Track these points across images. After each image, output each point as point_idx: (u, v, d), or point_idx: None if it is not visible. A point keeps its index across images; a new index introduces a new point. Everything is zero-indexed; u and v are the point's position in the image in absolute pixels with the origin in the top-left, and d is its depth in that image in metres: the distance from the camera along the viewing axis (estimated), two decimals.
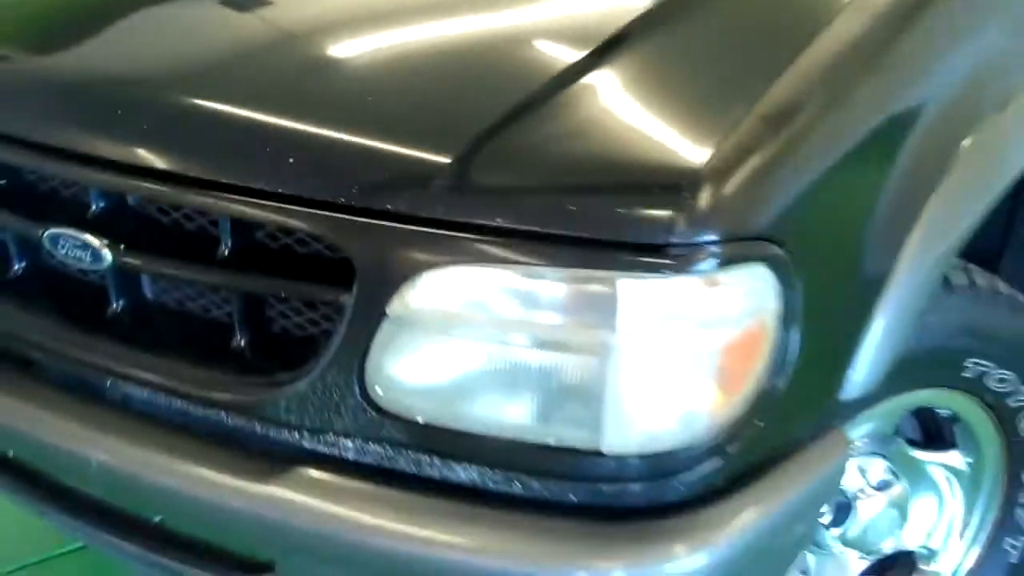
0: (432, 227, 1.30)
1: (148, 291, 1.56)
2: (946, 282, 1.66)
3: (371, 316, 1.34)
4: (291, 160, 1.38)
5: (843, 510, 1.84)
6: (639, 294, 1.26)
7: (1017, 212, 1.98)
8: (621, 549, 1.32)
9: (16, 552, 2.46)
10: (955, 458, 1.93)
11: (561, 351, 1.29)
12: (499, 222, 1.28)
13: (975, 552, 1.98)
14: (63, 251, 1.53)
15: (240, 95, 1.51)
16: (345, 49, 1.64)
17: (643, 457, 1.32)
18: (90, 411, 1.53)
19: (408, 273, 1.31)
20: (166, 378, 1.49)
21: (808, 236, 1.35)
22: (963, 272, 1.72)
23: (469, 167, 1.32)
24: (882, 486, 1.86)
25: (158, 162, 1.45)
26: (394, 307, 1.32)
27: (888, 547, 1.92)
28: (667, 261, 1.24)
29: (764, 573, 1.50)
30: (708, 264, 1.26)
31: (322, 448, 1.41)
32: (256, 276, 1.42)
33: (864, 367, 1.47)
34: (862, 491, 1.85)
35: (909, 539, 1.95)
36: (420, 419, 1.36)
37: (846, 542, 1.86)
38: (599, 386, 1.28)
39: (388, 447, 1.39)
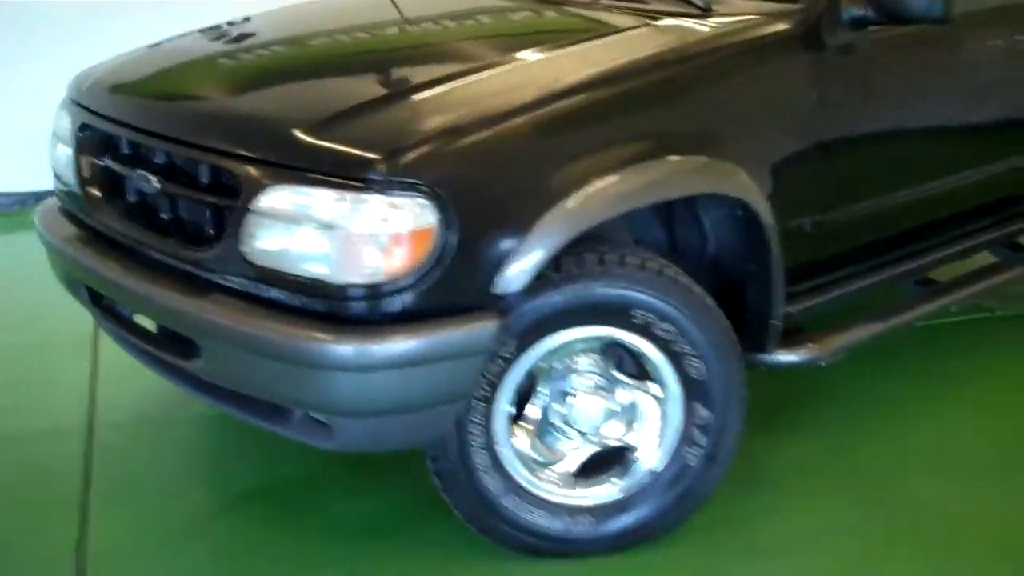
0: (272, 167, 2.65)
1: (164, 205, 2.97)
2: (601, 259, 2.81)
3: (245, 211, 2.68)
4: (223, 132, 2.78)
5: (565, 397, 2.95)
6: (359, 203, 2.54)
7: (674, 218, 3.11)
8: (349, 333, 2.56)
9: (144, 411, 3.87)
10: (653, 388, 3.01)
11: (324, 230, 2.58)
12: (303, 165, 2.61)
13: (667, 456, 3.03)
14: (137, 180, 2.97)
15: (206, 102, 2.95)
16: (262, 73, 3.09)
17: (359, 287, 2.56)
18: (121, 259, 2.96)
19: (259, 189, 2.65)
20: (157, 241, 2.90)
21: (463, 189, 2.58)
22: (618, 252, 2.85)
23: (292, 139, 2.67)
24: (597, 391, 2.97)
25: (172, 134, 2.89)
26: (254, 206, 2.67)
27: (607, 438, 3.01)
28: (373, 190, 2.53)
29: (430, 386, 2.64)
30: (392, 192, 2.53)
31: (221, 281, 2.75)
32: (195, 191, 2.81)
33: (510, 274, 2.65)
34: (583, 391, 2.96)
35: (624, 438, 3.03)
36: (263, 265, 2.68)
37: (566, 421, 2.98)
38: (336, 247, 2.55)
39: (248, 281, 2.70)
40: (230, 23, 3.76)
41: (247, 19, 3.83)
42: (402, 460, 3.12)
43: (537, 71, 2.94)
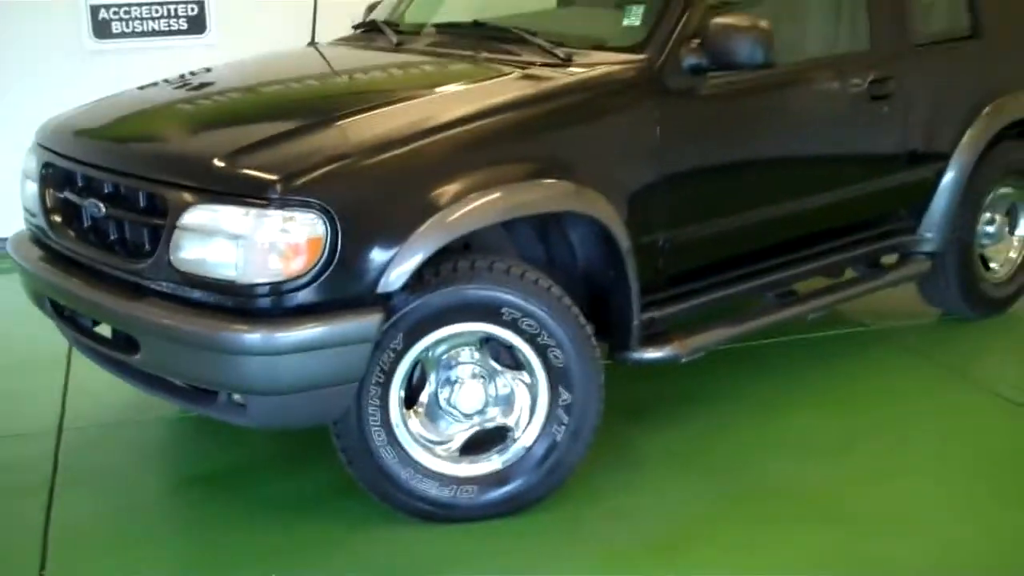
0: (192, 190, 3.25)
1: (111, 227, 3.57)
2: (472, 265, 3.40)
3: (172, 228, 3.28)
4: (156, 165, 3.39)
5: (451, 384, 3.53)
6: (262, 218, 3.14)
7: (549, 238, 3.69)
8: (257, 324, 3.15)
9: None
10: (524, 376, 3.59)
11: (234, 240, 3.17)
12: (217, 188, 3.22)
13: (537, 434, 3.59)
14: (89, 207, 3.57)
15: (144, 142, 3.59)
16: (190, 117, 3.71)
17: (263, 285, 3.15)
18: (77, 274, 3.56)
19: (183, 209, 3.25)
20: (105, 256, 3.50)
21: (347, 205, 3.18)
22: (488, 260, 3.44)
23: (209, 168, 3.28)
24: (477, 379, 3.54)
25: (116, 167, 3.50)
26: (179, 223, 3.27)
27: (487, 419, 3.57)
28: (272, 207, 3.14)
29: (325, 369, 3.21)
30: (287, 208, 3.13)
31: (154, 286, 3.35)
32: (134, 214, 3.41)
33: (392, 276, 3.23)
34: (465, 379, 3.53)
35: (501, 419, 3.60)
36: (187, 271, 3.28)
37: (451, 402, 3.55)
38: (244, 254, 3.14)
39: (176, 285, 3.29)
40: (190, 73, 4.39)
41: (207, 69, 4.46)
42: (325, 449, 3.66)
43: (420, 110, 3.55)
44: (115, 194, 3.51)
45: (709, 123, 3.90)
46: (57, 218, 3.76)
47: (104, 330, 3.75)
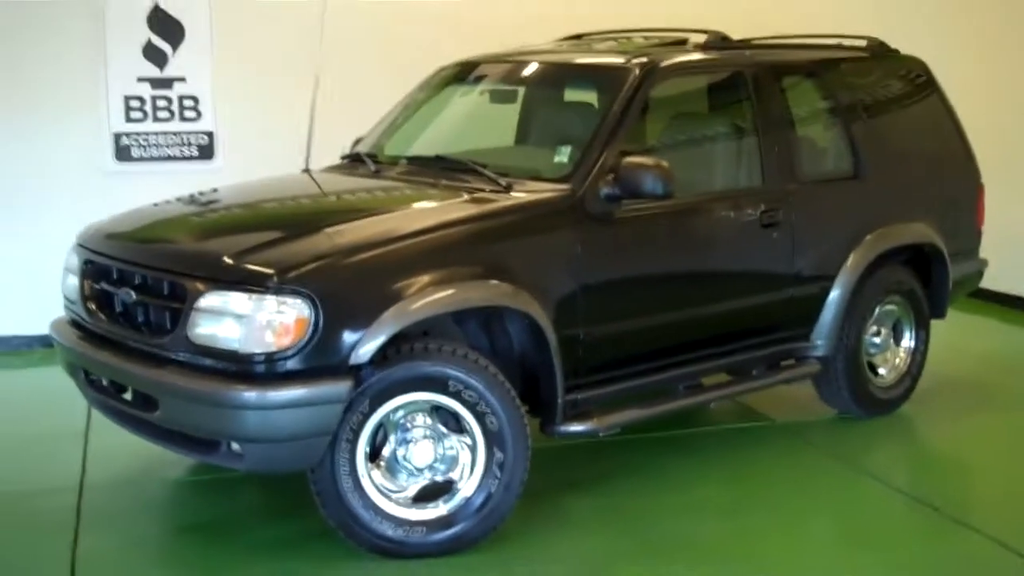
0: (207, 280, 4.17)
1: (139, 310, 4.48)
2: (425, 347, 4.31)
3: (190, 310, 4.20)
4: (178, 260, 4.33)
5: (407, 443, 4.39)
6: (261, 302, 4.05)
7: (492, 331, 4.60)
8: (254, 385, 4.03)
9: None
10: (466, 438, 4.45)
11: (238, 319, 4.07)
12: (226, 279, 4.14)
13: (477, 486, 4.43)
14: (122, 295, 4.48)
15: (168, 243, 4.55)
16: (205, 225, 4.67)
17: (260, 355, 4.04)
18: (109, 348, 4.46)
19: (199, 295, 4.16)
20: (133, 334, 4.40)
21: (327, 294, 4.09)
22: (437, 343, 4.34)
23: (220, 263, 4.20)
24: (428, 440, 4.41)
25: (145, 263, 4.43)
26: (195, 306, 4.18)
27: (435, 473, 4.42)
28: (269, 293, 4.05)
29: (306, 422, 4.08)
30: (280, 295, 4.04)
31: (173, 356, 4.24)
32: (159, 299, 4.33)
33: (361, 352, 4.13)
34: (418, 439, 4.39)
35: (447, 473, 4.45)
36: (200, 343, 4.18)
37: (406, 458, 4.40)
38: (246, 330, 4.04)
39: (191, 355, 4.18)
40: (200, 192, 5.34)
41: (214, 190, 5.42)
42: (299, 505, 4.52)
43: (389, 222, 4.48)
44: (143, 284, 4.40)
45: (622, 242, 4.84)
46: (93, 304, 4.65)
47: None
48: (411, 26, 7.66)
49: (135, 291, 4.40)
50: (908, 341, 6.18)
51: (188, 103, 7.46)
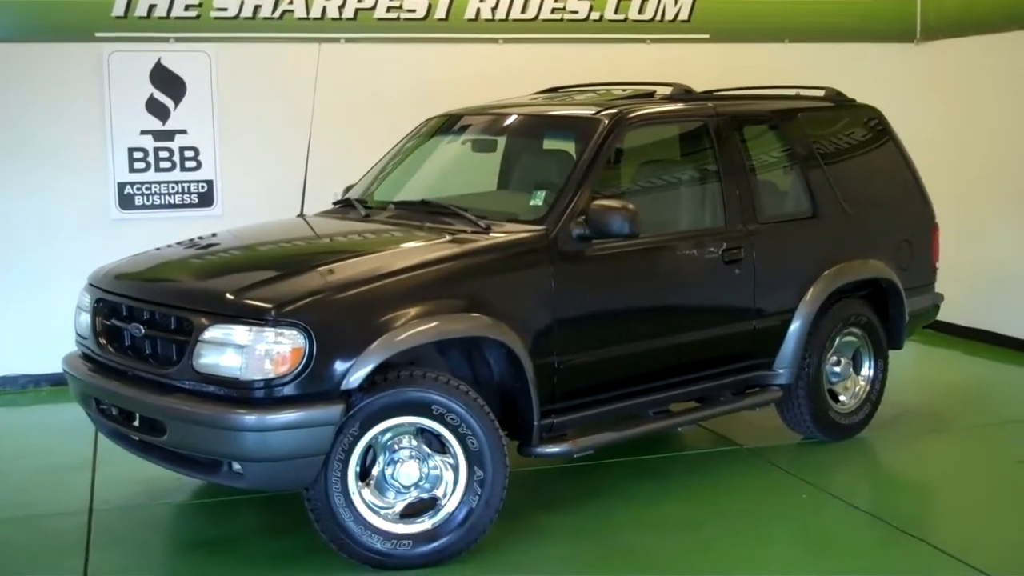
0: (211, 314, 4.57)
1: (147, 343, 4.88)
2: (411, 374, 4.70)
3: (196, 340, 4.59)
4: (184, 297, 4.73)
5: (394, 463, 4.78)
6: (260, 334, 4.45)
7: (473, 360, 5.01)
8: (254, 409, 4.42)
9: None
10: (449, 458, 4.84)
11: (239, 349, 4.46)
12: (228, 313, 4.54)
13: (458, 502, 4.81)
14: (132, 329, 4.89)
15: (174, 281, 4.96)
16: (208, 265, 5.08)
17: (259, 381, 4.43)
18: (119, 379, 4.86)
19: (204, 328, 4.56)
20: (142, 365, 4.80)
21: (321, 326, 4.49)
22: (422, 371, 4.75)
23: (223, 299, 4.60)
24: (413, 460, 4.79)
25: (154, 299, 4.84)
26: (200, 338, 4.58)
27: (421, 490, 4.80)
28: (267, 326, 4.46)
29: (301, 443, 4.46)
30: (278, 327, 4.44)
31: (179, 384, 4.63)
32: (166, 333, 4.73)
33: (352, 378, 4.52)
34: (404, 459, 4.78)
35: (431, 491, 4.84)
36: (205, 372, 4.58)
37: (394, 477, 4.79)
38: (246, 359, 4.44)
39: (195, 383, 4.57)
40: (200, 236, 5.76)
41: (213, 234, 5.84)
42: (293, 524, 4.90)
43: (377, 261, 4.88)
44: (151, 319, 4.80)
45: (593, 278, 5.25)
46: (103, 339, 5.05)
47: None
48: (400, 80, 8.12)
49: (143, 326, 4.79)
50: (867, 370, 6.57)
51: (189, 153, 7.88)
